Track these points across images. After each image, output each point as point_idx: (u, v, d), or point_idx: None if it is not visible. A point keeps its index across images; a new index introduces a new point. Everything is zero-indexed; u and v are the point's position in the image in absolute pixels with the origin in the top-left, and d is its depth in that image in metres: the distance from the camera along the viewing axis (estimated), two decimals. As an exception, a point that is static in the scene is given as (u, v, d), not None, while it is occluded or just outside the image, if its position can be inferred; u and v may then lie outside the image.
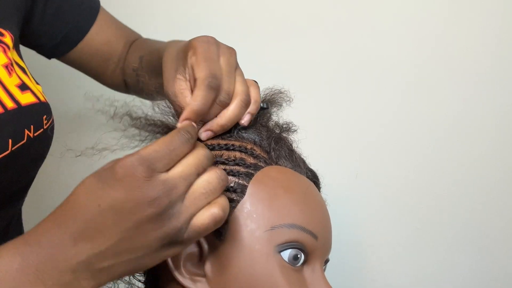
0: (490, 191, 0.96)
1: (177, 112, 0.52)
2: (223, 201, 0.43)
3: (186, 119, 0.48)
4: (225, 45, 0.54)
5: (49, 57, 0.74)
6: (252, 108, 0.52)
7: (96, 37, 0.73)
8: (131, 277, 0.55)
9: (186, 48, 0.53)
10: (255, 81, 0.55)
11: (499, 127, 0.93)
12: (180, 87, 0.52)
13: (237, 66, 0.53)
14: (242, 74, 0.53)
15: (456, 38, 0.92)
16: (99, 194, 0.39)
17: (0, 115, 0.53)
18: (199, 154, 0.42)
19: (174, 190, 0.40)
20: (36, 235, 0.40)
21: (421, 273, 1.01)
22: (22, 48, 0.67)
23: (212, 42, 0.52)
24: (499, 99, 0.92)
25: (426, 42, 0.92)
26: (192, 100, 0.48)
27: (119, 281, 0.54)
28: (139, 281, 0.55)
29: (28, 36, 0.68)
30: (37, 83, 0.61)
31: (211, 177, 0.42)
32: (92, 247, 0.39)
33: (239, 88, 0.51)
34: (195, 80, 0.49)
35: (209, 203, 0.42)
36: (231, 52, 0.53)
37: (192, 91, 0.51)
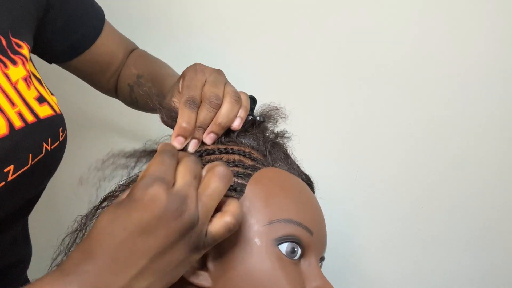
0: (491, 191, 0.97)
1: None
2: (234, 208, 0.45)
3: (178, 135, 0.53)
4: (212, 68, 0.59)
5: (50, 62, 0.75)
6: (242, 112, 0.56)
7: (101, 47, 0.74)
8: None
9: (179, 77, 0.59)
10: (245, 92, 0.59)
11: (500, 128, 0.94)
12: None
13: (226, 81, 0.57)
14: (231, 86, 0.57)
15: (452, 41, 0.92)
16: (123, 219, 0.40)
17: (22, 129, 0.53)
18: (185, 161, 0.45)
19: (188, 198, 0.42)
20: (71, 266, 0.40)
21: (422, 273, 1.01)
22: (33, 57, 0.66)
23: (199, 69, 0.57)
24: (502, 99, 0.93)
25: (421, 46, 0.94)
26: (178, 120, 0.53)
27: None
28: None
29: (39, 44, 0.69)
30: (52, 94, 0.62)
31: (209, 180, 0.44)
32: (129, 270, 0.39)
33: (227, 89, 0.56)
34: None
35: (222, 205, 0.45)
36: (219, 72, 0.59)
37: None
